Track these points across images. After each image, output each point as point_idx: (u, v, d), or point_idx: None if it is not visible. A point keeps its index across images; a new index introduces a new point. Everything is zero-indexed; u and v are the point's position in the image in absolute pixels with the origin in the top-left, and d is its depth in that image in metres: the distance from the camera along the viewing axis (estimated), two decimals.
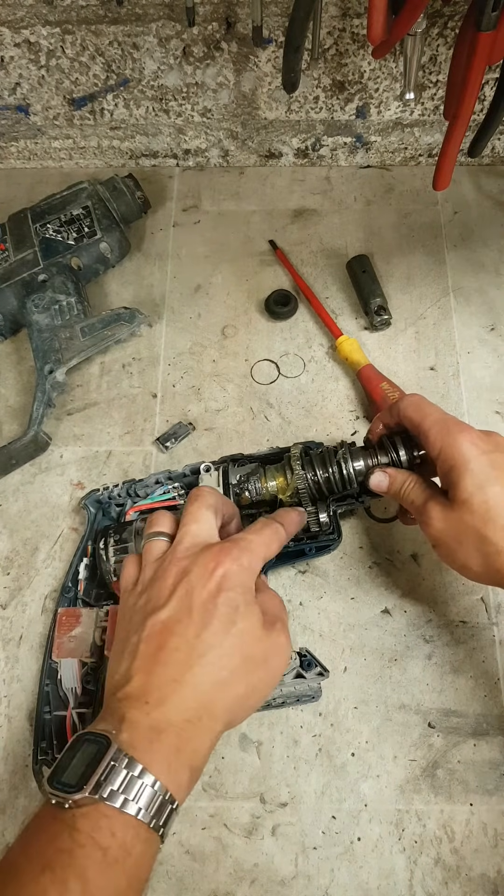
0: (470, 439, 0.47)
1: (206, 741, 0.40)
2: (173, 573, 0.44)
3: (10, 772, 0.55)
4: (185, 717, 0.39)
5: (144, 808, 0.36)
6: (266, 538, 0.47)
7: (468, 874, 0.51)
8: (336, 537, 0.57)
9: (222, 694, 0.41)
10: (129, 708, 0.39)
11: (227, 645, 0.41)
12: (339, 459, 0.55)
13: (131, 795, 0.35)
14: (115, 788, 0.35)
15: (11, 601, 0.62)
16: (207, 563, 0.43)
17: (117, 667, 0.42)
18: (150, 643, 0.41)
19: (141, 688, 0.40)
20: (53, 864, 0.33)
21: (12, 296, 0.72)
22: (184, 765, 0.38)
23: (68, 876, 0.33)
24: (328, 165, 0.86)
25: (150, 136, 0.83)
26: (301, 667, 0.54)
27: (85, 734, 0.38)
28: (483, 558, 0.46)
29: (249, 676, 0.42)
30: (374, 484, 0.53)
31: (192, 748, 0.39)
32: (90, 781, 0.35)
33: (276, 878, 0.51)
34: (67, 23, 0.71)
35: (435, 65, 0.74)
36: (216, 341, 0.75)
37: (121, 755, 0.36)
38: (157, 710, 0.39)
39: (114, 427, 0.70)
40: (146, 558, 0.47)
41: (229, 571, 0.43)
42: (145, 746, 0.37)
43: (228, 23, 0.71)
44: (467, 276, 0.77)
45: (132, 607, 0.45)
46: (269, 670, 0.44)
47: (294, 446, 0.58)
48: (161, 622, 0.42)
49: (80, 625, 0.56)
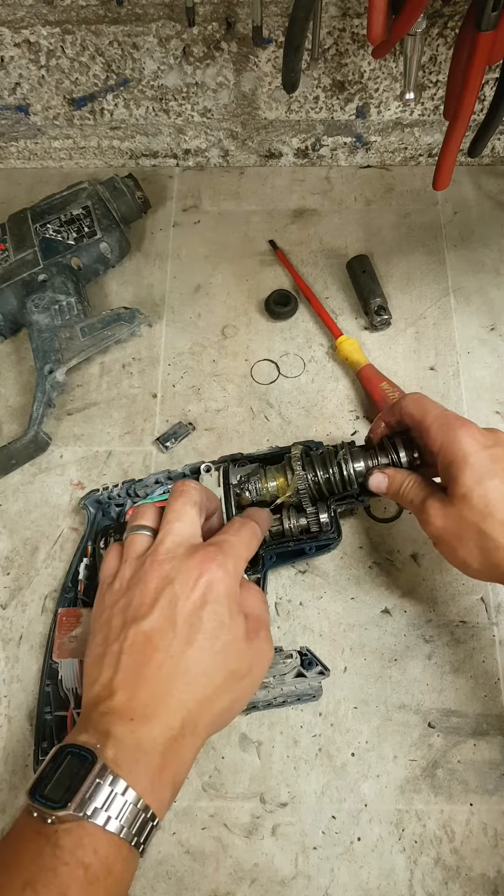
0: (471, 434, 0.47)
1: (190, 756, 0.40)
2: (155, 578, 0.42)
3: (10, 772, 0.55)
4: (169, 735, 0.39)
5: (127, 826, 0.35)
6: (246, 538, 0.46)
7: (468, 874, 0.51)
8: (336, 537, 0.57)
9: (207, 710, 0.41)
10: (114, 724, 0.38)
11: (212, 662, 0.41)
12: (340, 460, 0.55)
13: (114, 813, 0.35)
14: (99, 806, 0.35)
15: (11, 601, 0.62)
16: (191, 570, 0.42)
17: (97, 675, 0.41)
18: (132, 655, 0.40)
19: (125, 703, 0.39)
20: (35, 882, 0.33)
21: (12, 296, 0.72)
22: (167, 782, 0.38)
23: (50, 893, 0.33)
24: (328, 165, 0.86)
25: (150, 136, 0.83)
26: (302, 666, 0.54)
27: (68, 747, 0.37)
28: (482, 554, 0.46)
29: (233, 690, 0.42)
30: (374, 485, 0.53)
31: (176, 765, 0.39)
32: (75, 798, 0.35)
33: (276, 878, 0.51)
34: (67, 23, 0.71)
35: (435, 65, 0.74)
36: (216, 341, 0.75)
37: (106, 772, 0.36)
38: (142, 727, 0.38)
39: (114, 427, 0.70)
40: (127, 553, 0.46)
41: (213, 580, 0.42)
42: (130, 765, 0.37)
43: (228, 23, 0.71)
44: (467, 276, 0.77)
45: (111, 607, 0.43)
46: (252, 679, 0.44)
47: (294, 447, 0.58)
48: (143, 633, 0.41)
49: (81, 625, 0.56)
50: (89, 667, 0.42)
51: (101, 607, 0.45)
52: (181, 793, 0.53)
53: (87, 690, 0.41)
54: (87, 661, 0.43)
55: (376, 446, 0.55)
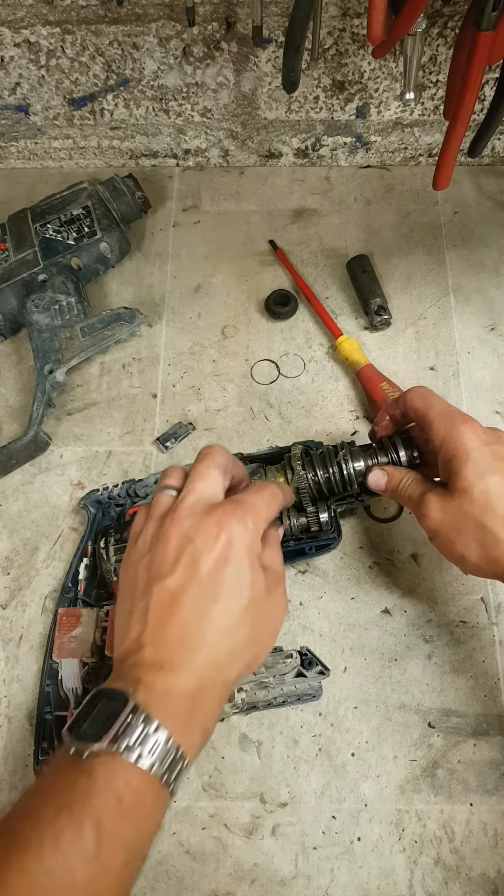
0: (473, 431, 0.47)
1: (217, 705, 0.42)
2: (175, 535, 0.43)
3: (10, 772, 0.55)
4: (197, 685, 0.40)
5: (158, 763, 0.37)
6: (266, 497, 0.46)
7: (468, 874, 0.51)
8: (336, 536, 0.57)
9: (234, 663, 0.42)
10: (144, 673, 0.39)
11: (238, 617, 0.42)
12: (340, 460, 0.55)
13: (146, 750, 0.36)
14: (132, 743, 0.36)
15: (11, 601, 0.62)
16: (211, 527, 0.42)
17: (126, 631, 0.42)
18: (159, 612, 0.41)
19: (154, 655, 0.40)
20: (70, 806, 0.34)
21: (12, 296, 0.72)
22: (196, 727, 0.40)
23: (84, 819, 0.34)
24: (328, 165, 0.86)
25: (150, 136, 0.83)
26: (302, 665, 0.54)
27: (102, 690, 0.39)
28: (481, 549, 0.46)
29: (255, 643, 0.43)
30: (373, 482, 0.53)
31: (205, 712, 0.40)
32: (108, 734, 0.36)
33: (276, 878, 0.51)
34: (67, 23, 0.71)
35: (435, 65, 0.74)
36: (216, 341, 0.75)
37: (138, 711, 0.37)
38: (171, 675, 0.39)
39: (114, 427, 0.70)
40: (152, 511, 0.46)
41: (233, 536, 0.42)
42: (160, 707, 0.38)
43: (228, 23, 0.71)
44: (467, 276, 0.77)
45: (136, 563, 0.44)
46: (272, 632, 0.45)
47: (294, 446, 0.58)
48: (168, 591, 0.42)
49: (81, 625, 0.56)
50: (120, 623, 0.44)
51: (128, 564, 0.46)
52: (181, 792, 0.53)
53: (117, 646, 0.43)
54: (118, 618, 0.44)
55: (376, 445, 0.55)
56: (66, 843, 0.33)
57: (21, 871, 0.33)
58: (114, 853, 0.34)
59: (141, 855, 0.37)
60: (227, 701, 0.52)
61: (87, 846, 0.34)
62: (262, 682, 0.54)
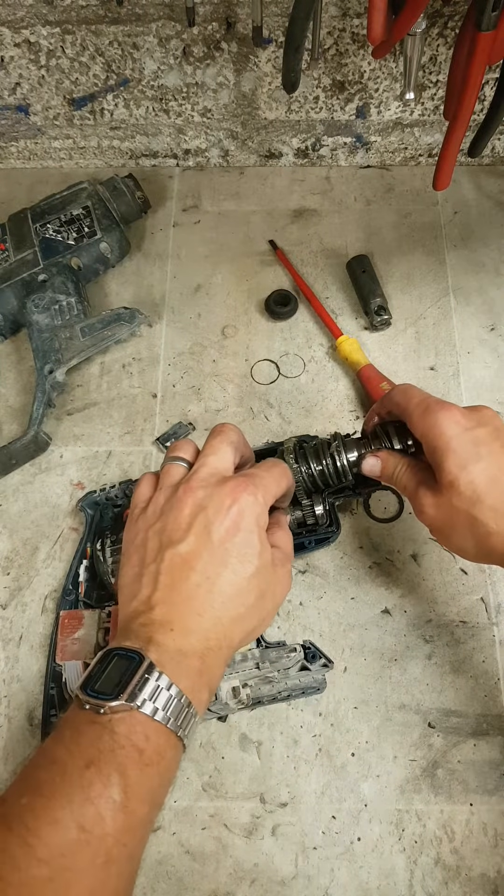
0: (451, 417, 0.46)
1: (222, 666, 0.43)
2: (189, 503, 0.44)
3: (10, 772, 0.55)
4: (206, 646, 0.42)
5: (173, 718, 0.38)
6: (276, 475, 0.48)
7: (468, 874, 0.51)
8: (335, 529, 0.57)
9: (239, 627, 0.43)
10: (155, 632, 0.41)
11: (245, 584, 0.43)
12: (333, 452, 0.54)
13: (161, 705, 0.38)
14: (147, 698, 0.38)
15: (11, 601, 0.62)
16: (223, 498, 0.44)
17: (134, 591, 0.43)
18: (170, 575, 0.43)
19: (165, 616, 0.41)
20: (98, 761, 0.36)
21: (12, 296, 0.72)
22: (204, 684, 0.41)
23: (111, 771, 0.35)
24: (328, 165, 0.86)
25: (150, 136, 0.83)
26: (306, 659, 0.54)
27: (115, 649, 0.40)
28: (475, 540, 0.46)
29: (261, 610, 0.45)
30: (367, 468, 0.53)
31: (211, 671, 0.42)
32: (126, 691, 0.37)
33: (276, 878, 0.51)
34: (67, 23, 0.71)
35: (435, 65, 0.74)
36: (216, 341, 0.75)
37: (153, 669, 0.39)
38: (181, 636, 0.41)
39: (114, 427, 0.70)
40: (163, 481, 0.47)
41: (245, 507, 0.44)
42: (172, 665, 0.39)
43: (228, 23, 0.71)
44: (467, 276, 0.77)
45: (146, 530, 0.45)
46: (276, 602, 0.47)
47: (288, 440, 0.58)
48: (180, 556, 0.43)
49: (83, 627, 0.57)
50: (126, 585, 0.45)
51: (135, 530, 0.46)
52: (181, 792, 0.54)
53: (124, 606, 0.44)
54: (123, 581, 0.45)
55: (370, 435, 0.55)
56: (96, 795, 0.35)
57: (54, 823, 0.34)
58: (140, 803, 0.36)
59: (159, 807, 0.39)
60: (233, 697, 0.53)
61: (115, 797, 0.35)
62: (266, 677, 0.54)
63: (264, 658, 0.55)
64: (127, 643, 0.40)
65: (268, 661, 0.55)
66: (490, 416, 0.48)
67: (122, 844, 0.35)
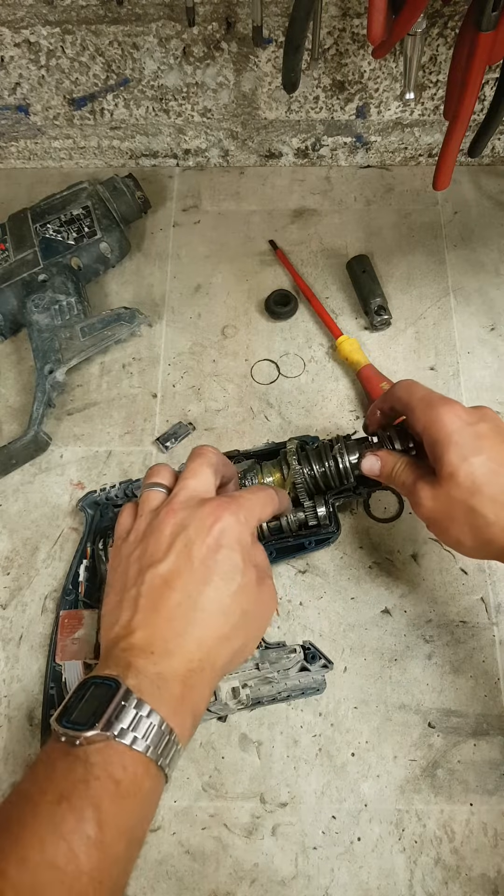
0: (454, 412, 0.47)
1: (207, 690, 0.42)
2: (170, 524, 0.44)
3: (10, 772, 0.55)
4: (188, 668, 0.40)
5: (153, 746, 0.37)
6: (262, 499, 0.47)
7: (468, 874, 0.51)
8: (336, 531, 0.57)
9: (223, 648, 0.42)
10: (135, 657, 0.39)
11: (228, 601, 0.42)
12: (336, 453, 0.55)
13: (140, 734, 0.36)
14: (125, 727, 0.36)
15: (11, 601, 0.62)
16: (205, 517, 0.43)
17: (115, 618, 0.42)
18: (150, 597, 0.42)
19: (145, 640, 0.40)
20: (70, 795, 0.34)
21: (12, 296, 0.72)
22: (187, 711, 0.40)
23: (84, 805, 0.34)
24: (328, 165, 0.86)
25: (150, 136, 0.83)
26: (305, 660, 0.54)
27: (92, 678, 0.39)
28: (473, 531, 0.46)
29: (247, 630, 0.44)
30: (367, 468, 0.53)
31: (195, 696, 0.40)
32: (101, 720, 0.36)
33: (276, 878, 0.51)
34: (67, 23, 0.71)
35: (435, 65, 0.74)
36: (216, 341, 0.75)
37: (130, 695, 0.37)
38: (162, 660, 0.40)
39: (114, 427, 0.70)
40: (142, 508, 0.47)
41: (227, 527, 0.43)
42: (152, 691, 0.38)
43: (228, 23, 0.71)
44: (467, 276, 0.77)
45: (127, 557, 0.45)
46: (262, 622, 0.46)
47: (290, 441, 0.58)
48: (160, 576, 0.42)
49: (83, 627, 0.57)
50: (106, 614, 0.44)
51: (118, 560, 0.46)
52: (181, 792, 0.54)
53: (105, 634, 0.43)
54: (105, 610, 0.44)
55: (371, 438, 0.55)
56: (68, 831, 0.33)
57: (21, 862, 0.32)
58: (116, 837, 0.34)
59: (139, 842, 0.37)
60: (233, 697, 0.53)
61: (89, 832, 0.33)
62: (266, 678, 0.54)
63: (264, 658, 0.55)
64: (106, 671, 0.39)
65: (267, 661, 0.55)
66: (492, 414, 0.48)
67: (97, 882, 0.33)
